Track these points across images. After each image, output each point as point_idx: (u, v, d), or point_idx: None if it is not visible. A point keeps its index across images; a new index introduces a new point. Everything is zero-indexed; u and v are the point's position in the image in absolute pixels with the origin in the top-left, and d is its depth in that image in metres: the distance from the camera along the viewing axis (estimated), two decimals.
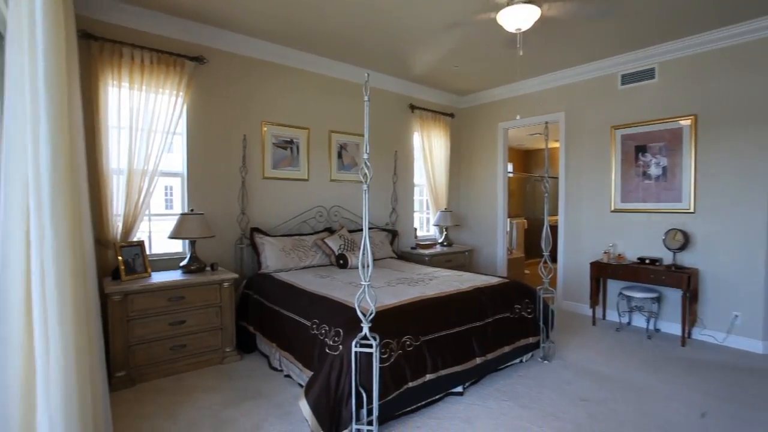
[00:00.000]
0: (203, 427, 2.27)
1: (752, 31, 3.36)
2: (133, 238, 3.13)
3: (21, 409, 1.32)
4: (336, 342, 2.18)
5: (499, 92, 5.32)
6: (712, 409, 2.46)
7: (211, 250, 3.55)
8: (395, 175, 5.04)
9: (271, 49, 3.89)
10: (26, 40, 1.26)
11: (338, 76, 4.45)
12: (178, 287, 2.94)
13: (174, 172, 3.57)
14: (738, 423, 2.32)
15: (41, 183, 1.29)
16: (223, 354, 3.14)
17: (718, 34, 3.51)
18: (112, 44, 3.01)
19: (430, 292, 2.79)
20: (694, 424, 2.30)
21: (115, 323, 2.69)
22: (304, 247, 3.86)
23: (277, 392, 2.67)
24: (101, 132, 2.97)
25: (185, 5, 3.12)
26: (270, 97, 3.98)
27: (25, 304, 1.33)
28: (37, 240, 1.30)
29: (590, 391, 2.68)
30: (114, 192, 3.05)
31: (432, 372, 2.34)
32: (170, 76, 3.26)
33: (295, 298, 2.88)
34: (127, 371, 2.74)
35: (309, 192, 4.28)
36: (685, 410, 2.45)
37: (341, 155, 4.55)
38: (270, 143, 3.98)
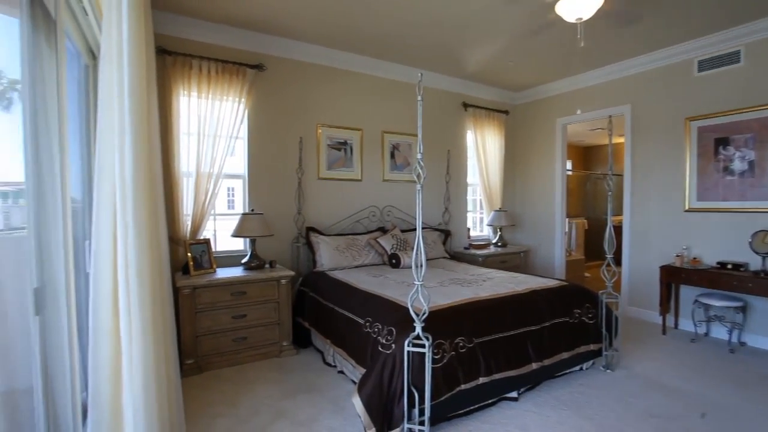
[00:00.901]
0: (263, 415, 2.39)
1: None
2: (200, 237, 3.36)
3: (110, 388, 1.47)
4: (389, 341, 2.20)
5: (558, 86, 5.07)
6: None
7: (270, 248, 3.72)
8: (448, 175, 4.99)
9: (324, 53, 4.00)
10: (115, 60, 1.40)
11: (390, 77, 4.48)
12: (240, 283, 3.12)
13: (236, 174, 3.79)
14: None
15: (125, 185, 1.43)
16: (281, 348, 3.29)
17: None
18: (183, 57, 3.25)
19: (484, 294, 2.73)
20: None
21: (185, 315, 2.91)
22: (358, 247, 3.93)
23: (331, 387, 2.74)
24: (173, 138, 3.23)
25: (247, 17, 3.30)
26: (324, 100, 4.10)
27: (112, 294, 1.47)
28: (122, 237, 1.44)
29: (660, 407, 2.48)
30: (184, 193, 3.30)
31: (485, 375, 2.29)
32: (233, 84, 3.46)
33: (348, 296, 2.94)
34: (195, 359, 2.95)
35: (362, 192, 4.36)
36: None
37: (394, 155, 4.58)
38: (325, 145, 4.10)
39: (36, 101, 1.43)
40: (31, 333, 1.42)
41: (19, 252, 1.45)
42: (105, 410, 1.48)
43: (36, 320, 1.44)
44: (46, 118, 1.49)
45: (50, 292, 1.52)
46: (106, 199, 1.44)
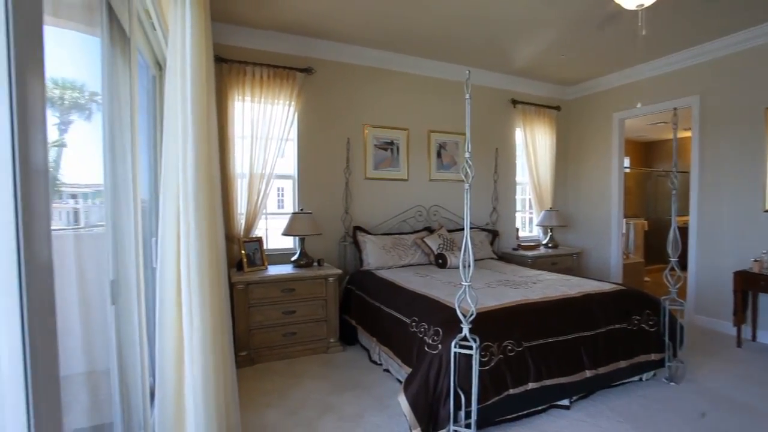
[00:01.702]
0: (311, 408, 2.46)
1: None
2: (253, 235, 3.52)
3: (174, 374, 1.59)
4: (435, 341, 2.19)
5: (614, 79, 4.79)
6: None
7: (318, 246, 3.82)
8: (496, 174, 4.87)
9: (370, 55, 4.05)
10: (179, 71, 1.51)
11: (436, 75, 4.45)
12: (290, 280, 3.23)
13: (286, 175, 3.93)
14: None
15: (188, 186, 1.53)
16: (328, 344, 3.37)
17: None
18: (238, 65, 3.42)
19: (533, 296, 2.65)
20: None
21: (239, 309, 3.06)
22: (404, 246, 3.94)
23: (377, 385, 2.77)
24: (229, 141, 3.41)
25: (296, 22, 3.42)
26: (371, 101, 4.15)
27: (176, 288, 1.59)
28: (185, 235, 1.55)
29: (733, 427, 2.27)
30: (238, 194, 3.47)
31: (535, 381, 2.21)
32: (284, 88, 3.60)
33: (395, 295, 2.96)
34: (248, 352, 3.10)
35: (409, 191, 4.36)
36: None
37: (440, 155, 4.55)
38: (371, 145, 4.15)
39: (112, 111, 1.57)
40: (108, 321, 1.57)
41: (98, 247, 1.60)
42: (169, 393, 1.60)
43: (112, 309, 1.58)
44: (121, 126, 1.63)
45: (124, 284, 1.67)
46: (171, 200, 1.56)
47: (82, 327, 1.41)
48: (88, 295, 1.51)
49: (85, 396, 1.49)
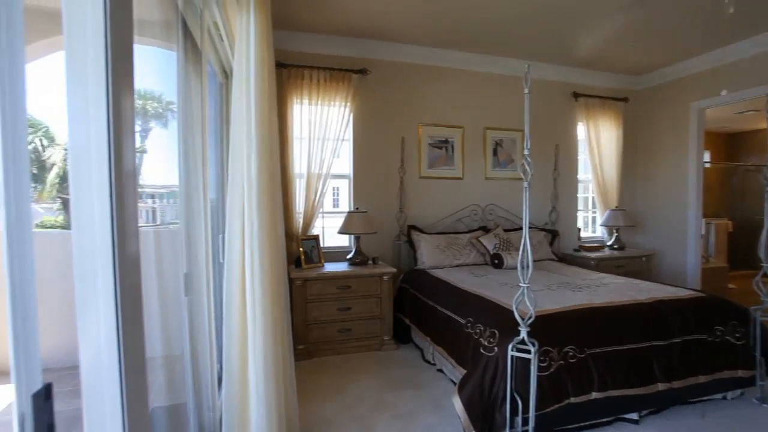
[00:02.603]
0: (366, 405, 2.51)
1: None
2: (311, 233, 3.65)
3: (239, 362, 1.70)
4: (491, 343, 2.14)
5: (692, 65, 4.36)
6: None
7: (373, 245, 3.88)
8: (556, 171, 4.64)
9: (424, 53, 4.03)
10: (244, 78, 1.61)
11: (492, 71, 4.33)
12: (346, 277, 3.31)
13: (342, 175, 4.03)
14: None
15: (252, 186, 1.63)
16: (382, 341, 3.41)
17: None
18: (296, 69, 3.57)
19: (598, 301, 2.49)
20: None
21: (297, 304, 3.19)
22: (459, 245, 3.89)
23: (430, 385, 2.76)
24: (288, 143, 3.56)
25: (351, 25, 3.49)
26: (425, 99, 4.13)
27: (241, 282, 1.69)
28: (249, 232, 1.64)
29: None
30: (296, 193, 3.61)
31: (599, 390, 2.09)
32: (340, 89, 3.69)
33: (450, 295, 2.93)
34: (306, 345, 3.22)
35: (464, 190, 4.29)
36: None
37: (496, 152, 4.42)
38: (426, 144, 4.14)
39: (186, 118, 1.70)
40: (182, 310, 1.71)
41: (174, 242, 1.75)
42: (235, 379, 1.70)
43: (185, 300, 1.72)
44: (192, 132, 1.76)
45: (195, 277, 1.81)
46: (236, 199, 1.66)
47: (160, 315, 1.55)
48: (165, 286, 1.66)
49: (162, 377, 1.64)
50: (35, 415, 0.60)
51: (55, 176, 1.93)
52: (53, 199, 1.85)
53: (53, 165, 1.80)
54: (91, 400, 0.70)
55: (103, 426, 0.71)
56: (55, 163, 1.82)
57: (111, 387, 0.70)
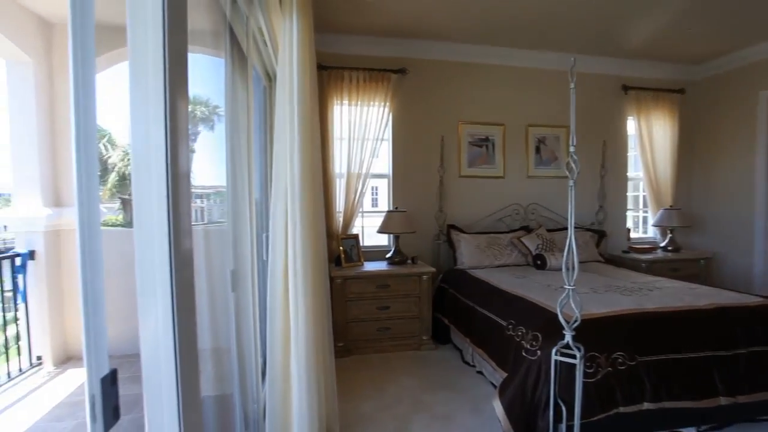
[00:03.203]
0: (405, 404, 2.51)
1: None
2: (350, 232, 3.70)
3: (282, 356, 1.75)
4: (534, 346, 2.07)
5: (761, 50, 4.00)
6: None
7: (412, 244, 3.87)
8: (603, 169, 4.43)
9: (464, 50, 3.97)
10: (287, 81, 1.66)
11: (535, 66, 4.20)
12: (385, 276, 3.33)
13: (381, 174, 4.05)
14: None
15: (295, 186, 1.67)
16: (420, 341, 3.40)
17: None
18: (336, 70, 3.63)
19: (650, 305, 2.36)
20: None
21: (337, 302, 3.24)
22: (500, 246, 3.80)
23: (470, 387, 2.72)
24: (329, 143, 3.63)
25: (391, 25, 3.50)
26: (465, 97, 4.08)
27: (283, 279, 1.74)
28: (292, 231, 1.69)
29: None
30: (336, 192, 3.67)
31: (652, 401, 1.97)
32: (379, 90, 3.71)
33: (490, 296, 2.88)
34: (345, 343, 3.27)
35: (505, 189, 4.19)
36: None
37: (539, 150, 4.29)
38: (465, 142, 4.08)
39: (233, 121, 1.78)
40: (229, 305, 1.78)
41: (221, 240, 1.83)
42: (278, 372, 1.76)
43: (232, 296, 1.79)
44: (239, 134, 1.84)
45: (241, 274, 1.88)
46: (280, 199, 1.71)
47: (209, 309, 1.63)
48: (213, 282, 1.74)
49: (210, 369, 1.72)
50: (103, 397, 0.65)
51: (114, 178, 2.10)
52: (114, 200, 2.00)
53: (113, 168, 1.96)
54: (150, 385, 0.75)
55: (161, 410, 0.76)
56: (115, 165, 1.98)
57: (168, 374, 0.75)
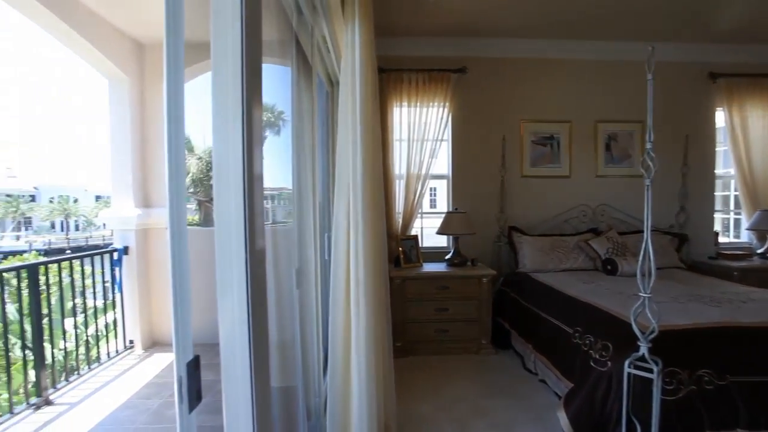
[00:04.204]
0: (462, 408, 2.47)
1: None
2: (409, 233, 3.72)
3: (342, 350, 1.81)
4: (603, 357, 1.95)
5: None
6: None
7: (472, 246, 3.80)
8: (685, 166, 4.03)
9: (526, 46, 3.83)
10: (349, 86, 1.71)
11: (606, 58, 3.93)
12: (444, 278, 3.31)
13: (440, 175, 4.02)
14: None
15: (357, 187, 1.72)
16: (479, 345, 3.33)
17: None
18: (396, 73, 3.67)
19: (744, 319, 2.11)
20: None
21: (395, 302, 3.26)
22: (565, 249, 3.61)
23: (531, 395, 2.62)
24: (388, 145, 3.68)
25: (450, 25, 3.47)
26: (528, 94, 3.93)
27: (345, 278, 1.80)
28: (354, 230, 1.74)
29: None
30: (396, 194, 3.71)
31: (748, 428, 1.75)
32: (438, 90, 3.69)
33: (555, 301, 2.75)
34: (403, 343, 3.29)
35: (571, 189, 3.98)
36: None
37: (609, 147, 4.01)
38: (528, 141, 3.93)
39: (298, 126, 1.86)
40: (294, 302, 1.88)
41: (287, 240, 1.93)
42: (338, 368, 1.82)
43: (296, 293, 1.88)
44: (303, 139, 1.93)
45: (305, 272, 1.97)
46: (342, 199, 1.77)
47: (276, 305, 1.72)
48: (280, 280, 1.84)
49: (276, 361, 1.82)
50: (188, 380, 0.72)
51: (189, 181, 2.29)
52: (189, 201, 2.18)
53: (189, 171, 2.14)
54: (228, 372, 0.81)
55: (237, 395, 0.83)
56: (189, 170, 2.16)
57: (242, 363, 0.81)
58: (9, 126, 77.35)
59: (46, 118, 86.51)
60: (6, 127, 76.22)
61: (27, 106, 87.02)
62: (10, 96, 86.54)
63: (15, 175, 36.76)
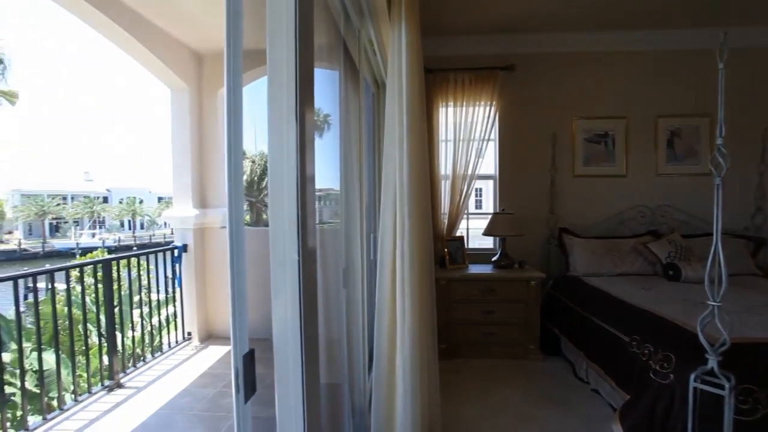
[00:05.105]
0: (509, 415, 2.40)
1: None
2: (455, 234, 3.68)
3: (387, 349, 1.82)
4: (665, 369, 1.82)
5: None
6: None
7: (520, 247, 3.68)
8: (763, 163, 3.67)
9: (577, 39, 3.65)
10: (396, 88, 1.72)
11: (667, 48, 3.66)
12: (490, 280, 3.24)
13: (486, 175, 3.94)
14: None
15: (404, 188, 1.72)
16: (527, 350, 3.22)
17: None
18: (441, 73, 3.64)
19: None
20: None
21: (440, 303, 3.22)
22: (621, 252, 3.41)
23: (583, 404, 2.50)
24: (434, 145, 3.66)
25: (497, 22, 3.40)
26: (579, 90, 3.75)
27: (391, 278, 1.81)
28: (400, 231, 1.75)
29: None
30: (442, 194, 3.68)
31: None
32: (485, 89, 3.62)
33: (610, 307, 2.61)
34: (448, 345, 3.25)
35: (627, 189, 3.75)
36: None
37: (672, 143, 3.74)
38: (580, 139, 3.75)
39: (346, 129, 1.90)
40: (341, 300, 1.91)
41: (334, 240, 1.97)
42: (384, 367, 1.84)
43: (343, 292, 1.92)
44: (350, 140, 1.96)
45: (352, 272, 2.01)
46: (389, 200, 1.78)
47: (323, 303, 1.76)
48: (328, 279, 1.88)
49: (323, 358, 1.87)
50: (244, 372, 0.75)
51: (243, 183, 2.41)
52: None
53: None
54: (281, 366, 0.85)
55: (288, 389, 0.86)
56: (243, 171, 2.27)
57: (294, 358, 0.84)
58: (86, 133, 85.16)
59: (115, 126, 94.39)
60: (84, 135, 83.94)
61: (99, 115, 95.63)
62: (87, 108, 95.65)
63: (91, 179, 40.54)
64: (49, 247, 30.64)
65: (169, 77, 3.41)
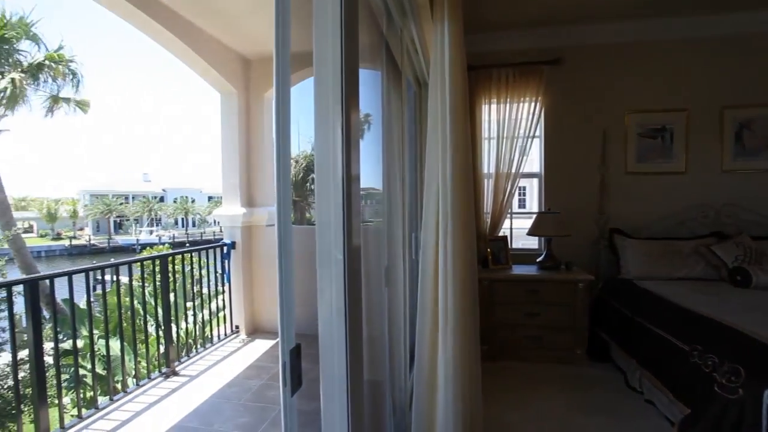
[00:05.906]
0: (553, 422, 2.32)
1: None
2: (498, 233, 3.59)
3: (429, 349, 1.81)
4: (732, 382, 1.68)
5: None
6: None
7: (567, 248, 3.53)
8: None
9: (630, 29, 3.45)
10: (439, 86, 1.71)
11: (732, 31, 3.37)
12: (535, 281, 3.13)
13: (531, 173, 3.82)
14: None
15: (447, 187, 1.71)
16: (573, 356, 3.09)
17: None
18: (484, 69, 3.56)
19: None
20: None
21: (482, 305, 3.16)
22: (679, 254, 3.19)
23: (635, 417, 2.36)
24: (477, 143, 3.59)
25: (542, 14, 3.27)
26: (632, 82, 3.54)
27: (433, 278, 1.80)
28: (443, 230, 1.73)
29: None
30: (485, 193, 3.61)
31: None
32: (530, 85, 3.51)
33: (666, 313, 2.45)
34: (489, 347, 3.18)
35: (686, 187, 3.49)
36: None
37: (740, 137, 3.44)
38: (634, 134, 3.54)
39: (388, 128, 1.91)
40: (383, 299, 1.93)
41: (377, 239, 1.99)
42: (425, 367, 1.83)
43: (385, 290, 1.93)
44: (392, 139, 1.97)
45: (394, 270, 2.01)
46: (431, 199, 1.77)
47: (366, 301, 1.78)
48: (370, 277, 1.90)
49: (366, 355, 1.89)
50: (291, 365, 0.78)
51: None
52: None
53: None
54: (326, 361, 0.87)
55: (333, 384, 0.88)
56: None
57: (339, 353, 0.85)
58: (145, 137, 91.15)
59: (169, 129, 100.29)
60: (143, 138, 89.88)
61: (156, 120, 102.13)
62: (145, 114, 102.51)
63: (150, 179, 43.52)
64: (113, 242, 33.33)
65: (220, 82, 3.58)
